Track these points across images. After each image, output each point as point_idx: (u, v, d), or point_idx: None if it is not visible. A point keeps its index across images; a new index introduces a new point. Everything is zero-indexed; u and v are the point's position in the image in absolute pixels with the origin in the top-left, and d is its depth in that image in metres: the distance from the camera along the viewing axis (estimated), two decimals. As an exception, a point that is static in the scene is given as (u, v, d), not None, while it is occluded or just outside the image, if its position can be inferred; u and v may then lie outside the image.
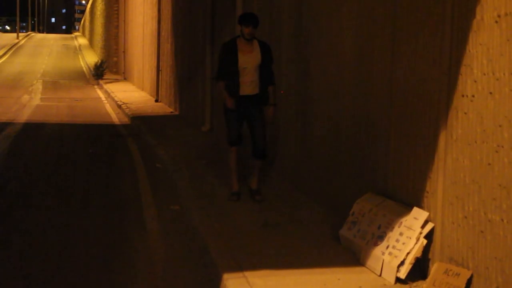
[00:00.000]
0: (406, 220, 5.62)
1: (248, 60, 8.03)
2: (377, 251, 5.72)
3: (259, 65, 8.06)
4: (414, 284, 5.38)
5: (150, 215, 8.07)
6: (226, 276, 5.60)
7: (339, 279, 5.53)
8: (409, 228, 5.52)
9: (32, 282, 5.89)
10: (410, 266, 5.40)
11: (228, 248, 6.31)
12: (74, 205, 8.59)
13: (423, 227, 5.43)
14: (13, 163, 11.50)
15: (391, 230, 5.72)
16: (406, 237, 5.51)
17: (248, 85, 8.04)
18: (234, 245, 6.38)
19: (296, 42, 8.80)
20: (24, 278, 5.94)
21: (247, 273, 5.61)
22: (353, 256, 6.04)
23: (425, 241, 5.40)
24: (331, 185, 7.53)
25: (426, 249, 5.45)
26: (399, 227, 5.66)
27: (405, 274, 5.38)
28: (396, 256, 5.47)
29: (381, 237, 5.80)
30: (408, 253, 5.41)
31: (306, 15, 8.40)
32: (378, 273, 5.61)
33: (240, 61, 8.00)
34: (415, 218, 5.53)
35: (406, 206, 5.74)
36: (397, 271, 5.41)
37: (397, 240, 5.59)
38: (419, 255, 5.40)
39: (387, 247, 5.64)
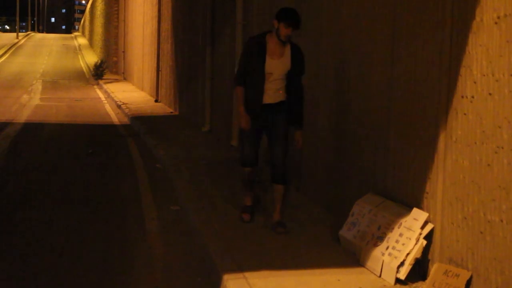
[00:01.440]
0: (405, 221, 5.63)
1: (277, 65, 6.90)
2: (377, 252, 5.73)
3: (287, 73, 6.96)
4: (414, 285, 5.39)
5: (150, 216, 8.08)
6: (226, 277, 5.60)
7: (339, 280, 5.54)
8: (409, 229, 5.53)
9: (31, 281, 5.90)
10: (409, 267, 5.41)
11: (228, 248, 6.32)
12: (74, 206, 8.59)
13: (422, 227, 5.44)
14: (13, 163, 11.49)
15: (391, 231, 5.73)
16: (406, 238, 5.52)
17: (272, 94, 6.95)
18: (234, 246, 6.39)
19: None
20: (23, 279, 5.95)
21: (247, 274, 5.62)
22: (353, 257, 6.05)
23: (424, 242, 5.41)
24: (331, 186, 7.53)
25: (425, 250, 5.46)
26: (398, 228, 5.67)
27: (405, 275, 5.39)
28: (396, 257, 5.49)
29: (380, 238, 5.81)
30: (408, 254, 5.42)
31: (306, 14, 8.39)
32: (378, 274, 5.62)
33: (267, 65, 6.88)
34: (414, 219, 5.54)
35: (406, 207, 5.76)
36: (397, 271, 5.42)
37: (397, 241, 5.60)
38: (418, 256, 5.41)
39: (387, 248, 5.65)
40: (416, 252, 5.40)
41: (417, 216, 5.52)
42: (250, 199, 7.37)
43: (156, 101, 21.10)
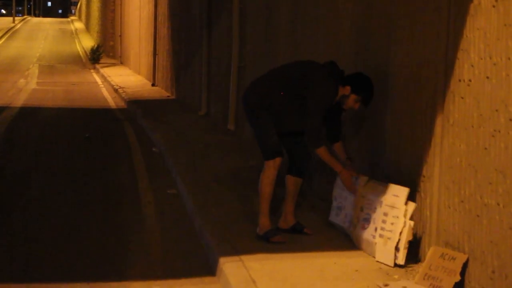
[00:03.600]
0: (385, 199, 5.61)
1: None
2: (367, 235, 5.72)
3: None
4: (410, 267, 5.40)
5: (146, 199, 8.08)
6: (222, 260, 5.61)
7: (335, 263, 5.55)
8: (392, 207, 5.51)
9: (30, 264, 5.90)
10: (405, 251, 5.42)
11: (225, 232, 6.32)
12: (71, 189, 8.59)
13: (406, 203, 5.43)
14: (10, 147, 11.49)
15: (374, 211, 5.71)
16: (392, 217, 5.49)
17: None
18: (230, 230, 6.39)
19: (292, 28, 8.77)
20: (21, 261, 5.95)
21: (243, 257, 5.62)
22: (349, 240, 6.05)
23: (412, 223, 5.40)
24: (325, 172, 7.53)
25: (419, 232, 5.47)
26: (380, 207, 5.64)
27: (403, 260, 5.39)
28: (389, 238, 5.46)
29: (366, 220, 5.79)
30: (400, 235, 5.41)
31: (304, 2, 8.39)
32: (373, 256, 5.63)
33: None
34: (394, 195, 5.52)
35: (385, 184, 5.72)
36: (395, 257, 5.41)
37: (384, 221, 5.56)
38: (410, 238, 5.41)
39: (375, 229, 5.63)
40: (407, 235, 5.39)
41: (397, 193, 5.51)
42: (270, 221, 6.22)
43: (153, 85, 21.06)
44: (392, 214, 5.52)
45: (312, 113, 5.91)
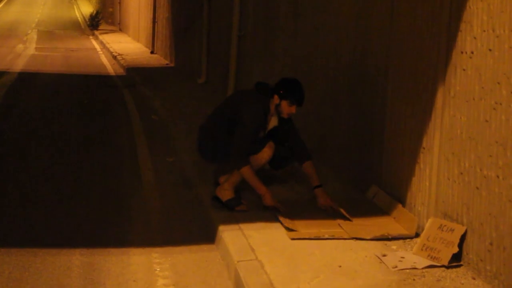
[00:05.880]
0: None
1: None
2: None
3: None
4: (409, 238, 5.42)
5: (145, 167, 8.09)
6: (221, 228, 5.63)
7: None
8: None
9: (30, 229, 5.93)
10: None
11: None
12: (69, 157, 8.59)
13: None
14: (8, 113, 11.46)
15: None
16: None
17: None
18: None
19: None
20: (21, 227, 5.97)
21: (242, 225, 5.65)
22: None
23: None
24: (333, 142, 7.54)
25: (421, 205, 5.49)
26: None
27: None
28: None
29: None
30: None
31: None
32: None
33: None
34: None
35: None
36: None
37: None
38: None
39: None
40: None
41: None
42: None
43: (152, 52, 20.98)
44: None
45: (238, 134, 6.01)
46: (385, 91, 6.18)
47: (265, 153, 6.20)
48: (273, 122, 6.30)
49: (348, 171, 7.02)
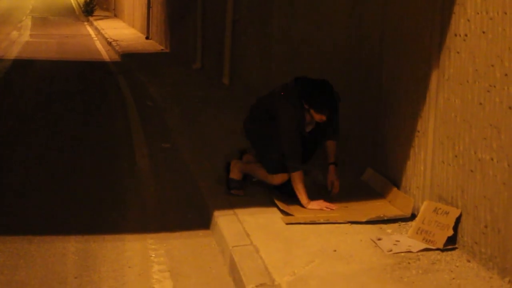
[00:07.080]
0: None
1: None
2: None
3: None
4: (403, 222, 5.43)
5: (141, 153, 8.08)
6: (217, 213, 5.63)
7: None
8: None
9: (25, 216, 5.93)
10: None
11: (219, 185, 6.32)
12: (64, 143, 8.58)
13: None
14: (3, 100, 11.43)
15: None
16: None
17: None
18: (224, 184, 6.39)
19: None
20: (17, 213, 5.97)
21: (237, 211, 5.65)
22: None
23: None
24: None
25: (416, 188, 5.49)
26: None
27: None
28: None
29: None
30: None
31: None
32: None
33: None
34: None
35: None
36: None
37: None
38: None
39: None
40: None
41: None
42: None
43: (147, 38, 20.92)
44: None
45: (284, 141, 5.79)
46: (380, 75, 6.16)
47: (277, 179, 5.99)
48: (310, 124, 5.99)
49: (343, 153, 7.00)
